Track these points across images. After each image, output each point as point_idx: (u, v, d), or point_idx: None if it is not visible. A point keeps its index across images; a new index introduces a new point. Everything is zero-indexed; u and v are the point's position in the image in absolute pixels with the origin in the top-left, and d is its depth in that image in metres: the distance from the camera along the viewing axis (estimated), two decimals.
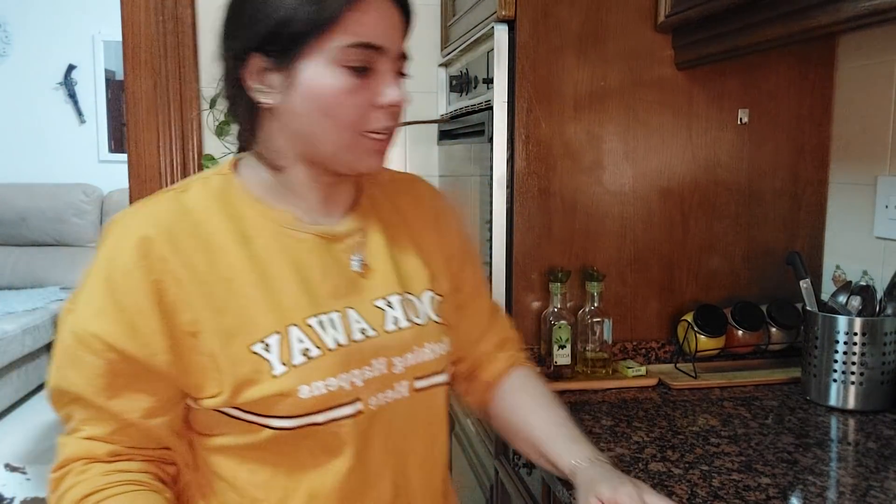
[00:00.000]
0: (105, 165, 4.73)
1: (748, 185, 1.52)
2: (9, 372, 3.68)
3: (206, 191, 0.81)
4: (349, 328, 0.79)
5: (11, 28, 4.58)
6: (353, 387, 0.78)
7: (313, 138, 0.78)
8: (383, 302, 0.84)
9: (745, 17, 1.22)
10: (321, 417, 0.76)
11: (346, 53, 0.74)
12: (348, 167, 0.80)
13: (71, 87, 4.65)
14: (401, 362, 0.82)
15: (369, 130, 0.78)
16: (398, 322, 0.83)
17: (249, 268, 0.77)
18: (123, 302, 0.73)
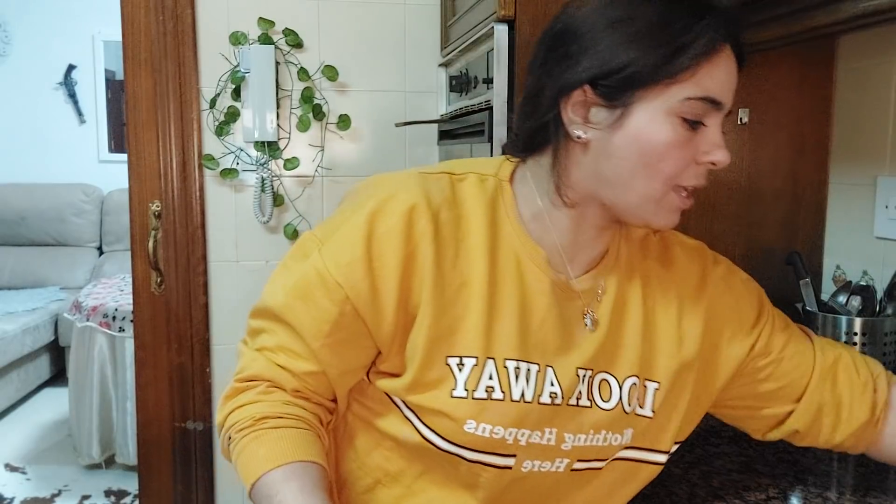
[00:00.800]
0: (105, 165, 4.73)
1: (748, 185, 1.52)
2: (9, 372, 3.68)
3: (480, 189, 0.79)
4: (541, 387, 0.75)
5: (11, 28, 4.58)
6: (516, 443, 0.75)
7: (621, 182, 0.73)
8: (583, 372, 0.78)
9: (744, 18, 1.21)
10: (470, 455, 0.75)
11: (688, 105, 0.70)
12: (644, 220, 0.76)
13: (71, 87, 4.65)
14: (571, 440, 0.77)
15: (682, 185, 0.75)
16: (581, 398, 0.78)
17: (485, 284, 0.75)
18: (376, 262, 0.73)
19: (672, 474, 1.00)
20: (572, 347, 0.77)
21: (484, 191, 0.78)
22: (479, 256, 0.75)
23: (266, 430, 0.73)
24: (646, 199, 0.73)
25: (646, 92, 0.69)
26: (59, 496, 2.87)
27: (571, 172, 0.76)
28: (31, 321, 3.81)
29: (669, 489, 0.96)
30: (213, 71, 1.94)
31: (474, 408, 0.73)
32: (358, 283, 0.73)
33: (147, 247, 1.98)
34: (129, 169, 1.99)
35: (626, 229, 0.84)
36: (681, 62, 0.68)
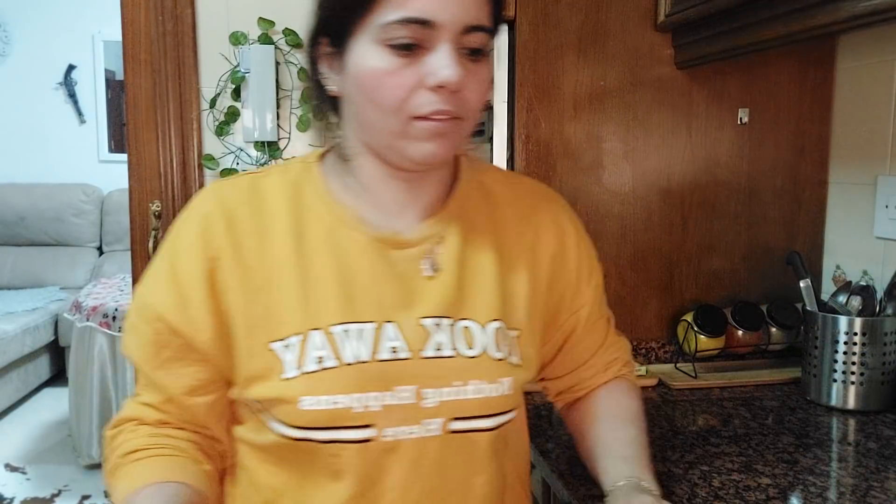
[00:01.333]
0: (105, 165, 4.73)
1: (748, 185, 1.52)
2: (9, 372, 3.68)
3: (284, 177, 0.79)
4: (378, 344, 0.72)
5: (11, 28, 4.58)
6: (367, 410, 0.70)
7: (367, 124, 0.73)
8: (432, 322, 0.74)
9: (744, 17, 1.22)
10: (321, 435, 0.70)
11: (391, 31, 0.66)
12: (403, 158, 0.72)
13: (71, 87, 4.65)
14: (434, 395, 0.72)
15: (419, 116, 0.68)
16: (441, 348, 0.73)
17: (294, 262, 0.74)
18: (180, 275, 0.74)
19: (672, 474, 1.00)
20: (415, 298, 0.74)
21: (288, 177, 0.79)
22: (284, 239, 0.74)
23: (129, 464, 0.74)
24: (390, 135, 0.70)
25: (355, 27, 0.68)
26: (59, 496, 2.87)
27: (345, 130, 0.77)
28: (31, 321, 3.80)
29: (669, 489, 0.96)
30: (213, 71, 1.94)
31: (306, 383, 0.70)
32: (165, 298, 0.74)
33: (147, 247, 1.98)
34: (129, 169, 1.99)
35: (476, 175, 0.83)
36: None
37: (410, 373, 0.72)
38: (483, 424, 0.75)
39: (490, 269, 0.78)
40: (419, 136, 0.69)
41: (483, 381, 0.74)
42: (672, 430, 1.17)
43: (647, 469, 0.83)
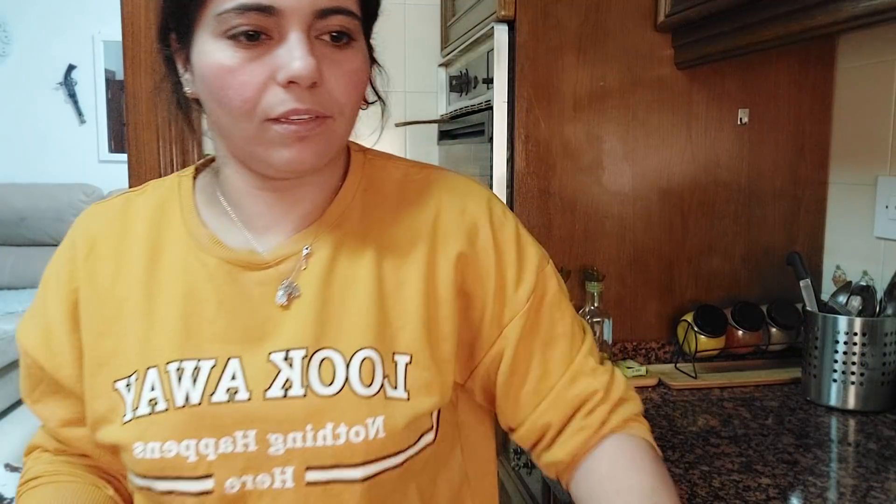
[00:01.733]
0: (105, 165, 4.73)
1: (748, 185, 1.52)
2: (9, 372, 3.68)
3: (155, 194, 0.71)
4: (214, 384, 0.62)
5: (11, 28, 4.58)
6: (201, 459, 0.61)
7: (223, 132, 0.64)
8: (281, 356, 0.62)
9: (744, 17, 1.22)
10: (160, 485, 0.62)
11: (225, 21, 0.57)
12: (266, 166, 0.63)
13: (71, 87, 4.65)
14: (280, 442, 0.61)
15: (273, 117, 0.59)
16: (290, 388, 0.62)
17: (143, 291, 0.66)
18: (48, 309, 0.70)
19: (672, 474, 1.00)
20: (267, 329, 0.64)
21: (158, 193, 0.72)
22: (138, 265, 0.67)
23: (26, 492, 0.72)
24: (245, 140, 0.61)
25: (196, 19, 0.59)
26: None
27: (210, 135, 0.68)
28: None
29: None
30: None
31: (138, 428, 0.62)
32: (32, 332, 0.70)
33: None
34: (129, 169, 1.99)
35: (368, 173, 0.71)
36: None
37: (251, 416, 0.61)
38: (349, 475, 0.61)
39: (365, 287, 0.65)
40: (278, 142, 0.60)
41: (342, 424, 0.61)
42: (672, 430, 1.17)
43: None
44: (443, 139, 2.00)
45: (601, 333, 1.42)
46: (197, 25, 0.60)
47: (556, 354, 0.71)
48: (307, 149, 0.60)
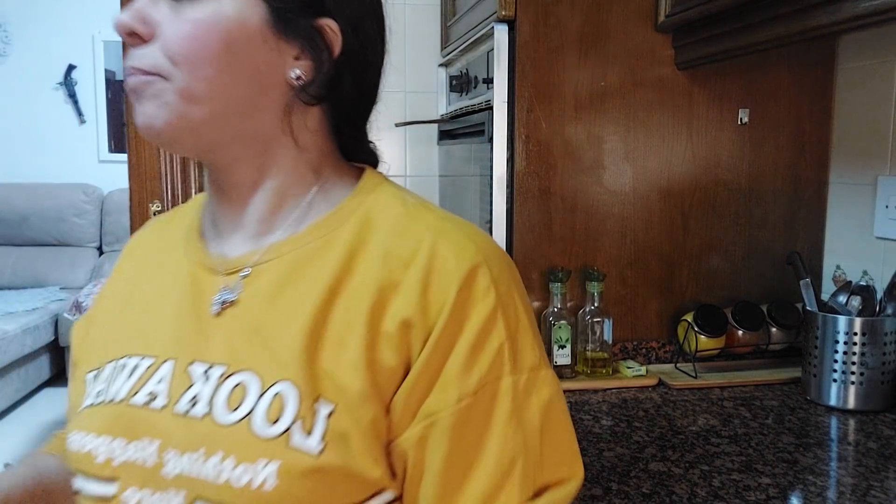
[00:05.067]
0: (105, 165, 4.73)
1: (748, 185, 1.52)
2: (9, 372, 3.68)
3: (190, 203, 0.74)
4: (142, 383, 0.59)
5: (11, 28, 4.58)
6: (108, 461, 0.57)
7: None
8: (202, 368, 0.58)
9: (745, 17, 1.22)
10: (78, 483, 0.59)
11: None
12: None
13: (71, 87, 4.65)
14: (174, 461, 0.55)
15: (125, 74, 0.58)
16: (195, 404, 0.56)
17: (130, 290, 0.68)
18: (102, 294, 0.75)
19: (672, 474, 1.00)
20: (202, 337, 0.60)
21: (188, 205, 0.75)
22: (142, 267, 0.70)
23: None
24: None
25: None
26: None
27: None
28: (31, 321, 3.80)
29: (669, 489, 0.96)
30: None
31: (80, 417, 0.61)
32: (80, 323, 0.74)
33: None
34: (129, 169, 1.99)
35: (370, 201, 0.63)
36: None
37: (157, 426, 0.57)
38: None
39: (306, 315, 0.57)
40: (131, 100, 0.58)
41: (231, 458, 0.53)
42: (672, 430, 1.18)
43: None
44: (443, 139, 2.00)
45: (601, 333, 1.42)
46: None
47: (482, 472, 0.55)
48: (140, 109, 0.57)
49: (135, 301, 0.67)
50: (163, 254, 0.69)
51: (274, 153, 0.62)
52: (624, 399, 1.33)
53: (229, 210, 0.64)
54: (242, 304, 0.60)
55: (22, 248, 4.47)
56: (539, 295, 1.46)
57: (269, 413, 0.54)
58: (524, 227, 1.45)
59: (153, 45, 0.56)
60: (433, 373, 0.55)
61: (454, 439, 0.55)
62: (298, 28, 0.59)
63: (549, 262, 1.46)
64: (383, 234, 0.60)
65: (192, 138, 0.59)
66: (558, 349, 1.39)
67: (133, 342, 0.63)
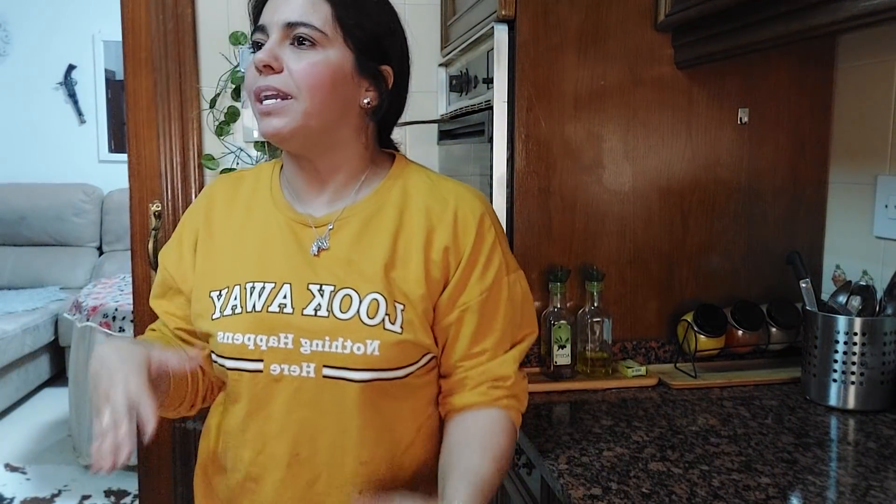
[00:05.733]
0: (105, 165, 4.73)
1: (748, 185, 1.52)
2: (9, 372, 3.68)
3: (256, 173, 1.03)
4: (272, 300, 0.90)
5: (11, 28, 4.58)
6: (257, 348, 0.89)
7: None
8: (317, 287, 0.90)
9: (745, 17, 1.22)
10: (229, 363, 0.91)
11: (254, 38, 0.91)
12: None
13: (71, 87, 4.65)
14: (308, 345, 0.88)
15: (254, 93, 0.88)
16: (319, 309, 0.89)
17: (237, 232, 0.97)
18: (181, 240, 1.01)
19: (672, 474, 1.00)
20: (308, 268, 0.91)
21: (256, 173, 1.03)
22: (239, 214, 0.98)
23: (146, 332, 1.05)
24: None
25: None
26: (59, 496, 2.87)
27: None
28: (31, 321, 3.80)
29: (669, 489, 0.96)
30: (213, 71, 1.94)
31: (223, 323, 0.91)
32: (170, 254, 1.01)
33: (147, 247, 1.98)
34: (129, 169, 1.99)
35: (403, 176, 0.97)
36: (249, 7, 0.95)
37: (291, 324, 0.89)
38: (351, 376, 0.88)
39: (381, 251, 0.91)
40: (258, 113, 0.89)
41: (349, 340, 0.87)
42: (672, 429, 1.18)
43: (471, 496, 0.83)
44: (443, 139, 2.00)
45: (601, 333, 1.42)
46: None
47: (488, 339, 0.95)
48: (271, 121, 0.87)
49: (241, 241, 0.95)
50: (252, 208, 0.98)
51: (349, 150, 0.94)
52: (623, 399, 1.33)
53: (312, 185, 0.95)
54: (332, 248, 0.92)
55: (22, 247, 4.47)
56: (539, 294, 1.46)
57: (368, 312, 0.88)
58: (524, 226, 1.45)
59: (282, 74, 0.86)
60: (465, 280, 0.92)
61: (480, 315, 0.93)
62: (370, 71, 0.92)
63: (549, 261, 1.46)
64: (421, 197, 0.94)
65: (304, 140, 0.90)
66: (558, 349, 1.39)
67: (254, 271, 0.92)
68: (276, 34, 0.87)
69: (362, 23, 0.90)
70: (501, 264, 0.95)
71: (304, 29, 0.86)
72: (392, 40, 0.95)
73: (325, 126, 0.89)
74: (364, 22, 0.90)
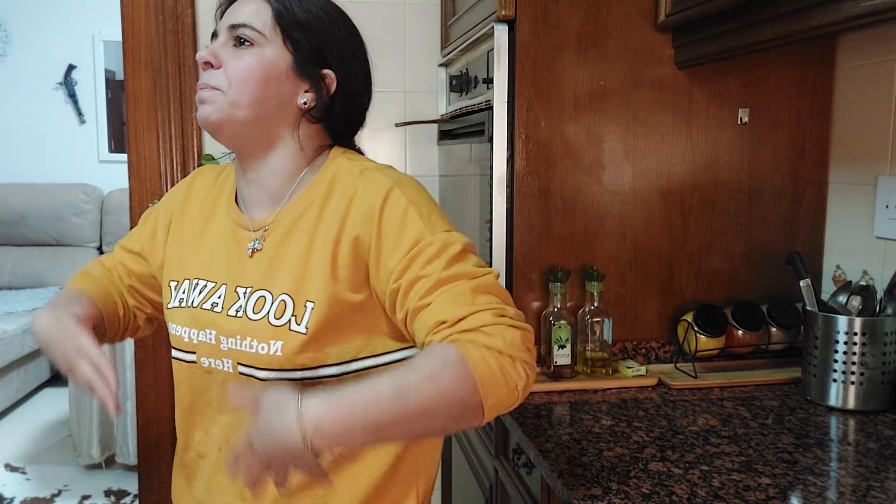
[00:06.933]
0: (105, 165, 4.72)
1: (748, 185, 1.52)
2: (9, 372, 3.68)
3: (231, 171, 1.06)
4: (207, 298, 0.96)
5: (11, 28, 4.58)
6: (190, 341, 0.96)
7: None
8: (242, 290, 0.94)
9: (745, 17, 1.22)
10: (174, 352, 0.99)
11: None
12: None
13: (71, 87, 4.65)
14: (226, 342, 0.92)
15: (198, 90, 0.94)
16: (239, 311, 0.93)
17: (200, 228, 1.02)
18: (158, 216, 1.08)
19: (672, 474, 1.00)
20: (240, 271, 0.95)
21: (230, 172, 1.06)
22: (202, 212, 1.03)
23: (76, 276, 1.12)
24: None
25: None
26: (59, 496, 2.87)
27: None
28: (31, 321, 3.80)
29: (669, 489, 0.96)
30: None
31: (172, 313, 0.99)
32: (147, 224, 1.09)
33: None
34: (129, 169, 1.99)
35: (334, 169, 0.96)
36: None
37: (215, 322, 0.94)
38: (258, 374, 0.91)
39: (299, 251, 0.92)
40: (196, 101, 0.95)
41: (255, 340, 0.90)
42: (672, 430, 1.17)
43: (343, 406, 0.74)
44: (443, 139, 2.00)
45: (601, 333, 1.42)
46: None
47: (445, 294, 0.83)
48: (203, 109, 0.92)
49: (201, 239, 1.01)
50: (214, 208, 1.03)
51: (284, 149, 0.96)
52: (624, 399, 1.33)
53: (252, 187, 0.98)
54: (264, 250, 0.94)
55: (22, 248, 4.47)
56: (539, 295, 1.46)
57: (276, 313, 0.90)
58: (524, 226, 1.45)
59: (218, 70, 0.92)
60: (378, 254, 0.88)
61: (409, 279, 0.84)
62: (308, 72, 0.94)
63: (549, 262, 1.46)
64: (339, 190, 0.93)
65: (235, 132, 0.93)
66: (558, 349, 1.39)
67: (202, 270, 0.98)
68: (222, 36, 0.94)
69: (305, 30, 0.93)
70: (421, 227, 0.86)
71: (243, 30, 0.92)
72: (338, 49, 0.96)
73: (256, 119, 0.92)
74: (307, 30, 0.94)
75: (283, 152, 0.96)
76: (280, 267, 0.92)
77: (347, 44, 0.98)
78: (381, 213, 0.88)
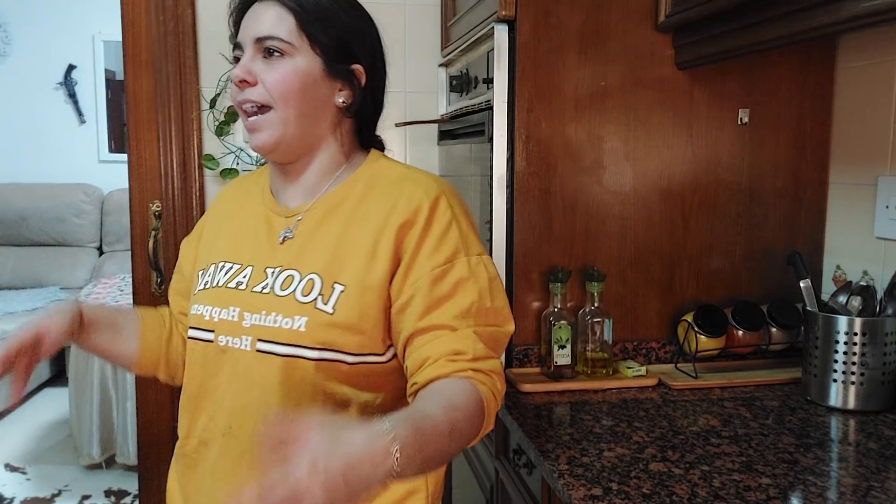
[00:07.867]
0: (105, 165, 4.73)
1: (748, 185, 1.52)
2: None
3: (256, 173, 1.13)
4: (232, 278, 0.98)
5: (11, 28, 4.58)
6: (211, 319, 0.97)
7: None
8: (272, 270, 0.96)
9: (745, 17, 1.22)
10: (191, 332, 1.00)
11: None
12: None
13: (71, 87, 4.65)
14: (249, 318, 0.93)
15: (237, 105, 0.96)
16: (265, 288, 0.94)
17: (227, 220, 1.07)
18: (190, 240, 1.14)
19: (672, 474, 1.00)
20: (270, 254, 0.98)
21: (254, 174, 1.13)
22: (233, 208, 1.08)
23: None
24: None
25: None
26: (59, 496, 2.87)
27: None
28: None
29: (670, 489, 0.96)
30: (213, 71, 1.94)
31: (197, 296, 1.01)
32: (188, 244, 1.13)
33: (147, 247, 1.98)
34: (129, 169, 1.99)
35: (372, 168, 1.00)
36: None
37: (239, 299, 0.95)
38: (276, 350, 0.91)
39: (332, 237, 0.94)
40: (246, 129, 0.97)
41: (280, 315, 0.91)
42: (672, 430, 1.18)
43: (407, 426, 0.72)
44: (443, 139, 2.00)
45: (601, 333, 1.42)
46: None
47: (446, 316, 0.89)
48: (257, 136, 0.95)
49: (227, 228, 1.05)
50: (244, 201, 1.07)
51: (325, 148, 1.00)
52: (624, 399, 1.33)
53: (288, 180, 1.01)
54: (296, 236, 0.97)
55: (22, 248, 4.47)
56: (539, 295, 1.46)
57: (303, 290, 0.92)
58: (524, 227, 1.45)
59: (257, 86, 0.93)
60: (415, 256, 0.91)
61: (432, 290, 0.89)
62: (340, 72, 0.96)
63: (550, 262, 1.46)
64: (382, 186, 0.97)
65: (287, 149, 0.96)
66: (558, 349, 1.39)
67: (227, 253, 1.01)
68: (249, 50, 0.94)
69: (326, 28, 0.94)
70: (459, 244, 0.92)
71: (271, 41, 0.92)
72: (359, 39, 0.98)
73: (303, 131, 0.95)
74: (328, 27, 0.94)
75: (326, 152, 0.99)
76: (311, 250, 0.94)
77: (367, 32, 1.00)
78: (430, 216, 0.92)
